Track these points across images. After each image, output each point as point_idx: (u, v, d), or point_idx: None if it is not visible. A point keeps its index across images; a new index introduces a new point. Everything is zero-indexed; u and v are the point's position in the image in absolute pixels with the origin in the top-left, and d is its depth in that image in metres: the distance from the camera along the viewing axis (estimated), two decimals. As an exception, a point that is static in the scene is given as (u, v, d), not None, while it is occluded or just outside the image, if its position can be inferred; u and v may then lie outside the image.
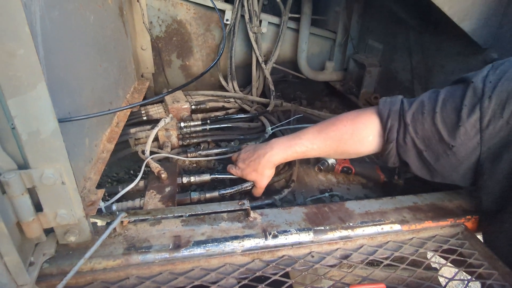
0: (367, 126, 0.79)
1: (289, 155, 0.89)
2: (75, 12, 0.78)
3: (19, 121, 0.49)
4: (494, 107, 0.60)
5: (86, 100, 0.84)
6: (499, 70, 0.62)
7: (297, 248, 0.71)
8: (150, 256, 0.65)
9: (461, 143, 0.65)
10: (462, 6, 0.91)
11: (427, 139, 0.69)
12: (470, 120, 0.63)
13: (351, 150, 0.83)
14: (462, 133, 0.64)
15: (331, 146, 0.84)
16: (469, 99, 0.63)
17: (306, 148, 0.86)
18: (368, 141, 0.80)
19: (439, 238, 0.77)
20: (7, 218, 0.51)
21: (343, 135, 0.81)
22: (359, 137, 0.80)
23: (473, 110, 0.62)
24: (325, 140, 0.84)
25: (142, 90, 1.42)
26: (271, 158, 0.89)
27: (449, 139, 0.66)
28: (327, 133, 0.84)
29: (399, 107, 0.75)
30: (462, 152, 0.66)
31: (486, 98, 0.61)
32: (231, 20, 1.63)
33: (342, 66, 1.87)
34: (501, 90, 0.60)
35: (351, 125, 0.81)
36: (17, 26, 0.43)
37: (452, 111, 0.65)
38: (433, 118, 0.67)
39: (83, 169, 0.78)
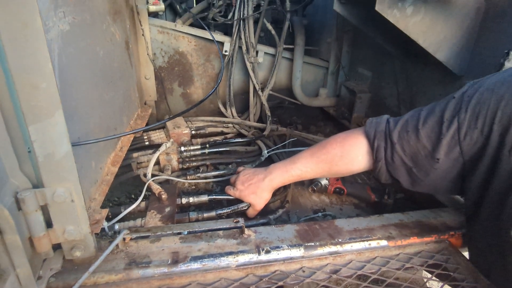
0: (355, 147, 0.85)
1: (286, 178, 0.95)
2: (87, 48, 0.87)
3: (37, 145, 0.55)
4: (469, 118, 0.64)
5: (94, 126, 0.91)
6: (477, 85, 0.67)
7: (288, 263, 0.75)
8: (149, 270, 0.69)
9: (445, 155, 0.68)
10: (435, 39, 1.00)
11: (414, 155, 0.73)
12: (450, 132, 0.66)
13: (343, 170, 0.88)
14: (445, 145, 0.67)
15: (323, 168, 0.89)
16: (449, 113, 0.67)
17: (301, 172, 0.92)
18: (358, 160, 0.85)
19: (424, 253, 0.81)
20: (22, 232, 0.56)
21: (333, 157, 0.87)
22: (349, 158, 0.86)
23: (452, 122, 0.66)
24: (318, 163, 0.90)
25: (145, 117, 1.50)
26: (271, 182, 0.96)
27: (434, 153, 0.69)
28: (318, 156, 0.90)
29: (385, 127, 0.80)
30: (447, 163, 0.69)
31: (463, 110, 0.65)
32: (230, 51, 1.75)
33: (335, 92, 1.97)
34: (475, 103, 0.63)
35: (340, 148, 0.87)
36: (41, 63, 0.50)
37: (434, 125, 0.69)
38: (417, 135, 0.71)
39: (89, 190, 0.84)
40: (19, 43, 0.48)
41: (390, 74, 1.46)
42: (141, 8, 1.50)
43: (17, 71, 0.50)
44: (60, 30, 0.70)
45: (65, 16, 0.72)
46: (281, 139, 1.60)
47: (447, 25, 0.99)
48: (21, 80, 0.50)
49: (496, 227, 0.66)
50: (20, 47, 0.48)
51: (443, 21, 0.99)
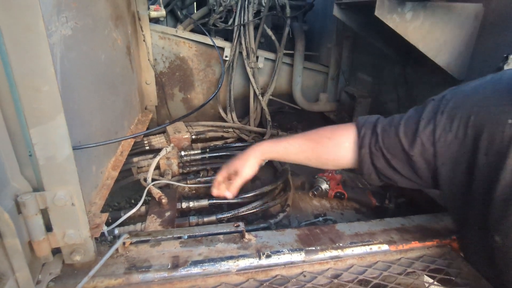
0: (344, 133, 0.84)
1: (272, 148, 0.90)
2: (89, 52, 0.88)
3: (39, 148, 0.55)
4: (445, 120, 0.65)
5: (95, 130, 0.91)
6: (456, 90, 0.69)
7: (289, 268, 0.74)
8: (149, 275, 0.68)
9: (419, 154, 0.69)
10: (435, 44, 1.01)
11: (392, 148, 0.73)
12: (426, 131, 0.67)
13: (329, 152, 0.85)
14: (419, 144, 0.68)
15: (310, 146, 0.86)
16: (427, 113, 0.68)
17: (288, 144, 0.89)
18: (345, 147, 0.83)
19: (426, 258, 0.81)
20: (21, 236, 0.56)
21: (322, 138, 0.86)
22: (337, 140, 0.84)
23: (429, 122, 0.67)
24: (306, 140, 0.88)
25: (145, 122, 1.51)
26: (258, 147, 0.90)
27: (409, 149, 0.70)
28: (309, 135, 0.90)
29: (375, 119, 0.81)
30: (420, 162, 0.70)
31: (440, 112, 0.66)
32: (230, 56, 1.76)
33: (335, 97, 1.97)
34: (452, 107, 0.65)
35: (330, 131, 0.87)
36: (44, 67, 0.51)
37: (412, 123, 0.70)
38: (397, 129, 0.72)
39: (89, 194, 0.84)
40: (22, 46, 0.49)
41: (390, 79, 1.47)
42: (142, 14, 1.52)
43: (19, 74, 0.50)
44: (62, 35, 0.70)
45: (67, 21, 0.73)
46: (281, 143, 1.60)
47: (446, 30, 1.00)
48: (23, 83, 0.51)
49: (482, 231, 0.66)
50: (22, 50, 0.49)
51: (443, 26, 1.00)
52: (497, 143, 0.58)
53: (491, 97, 0.61)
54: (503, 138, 0.57)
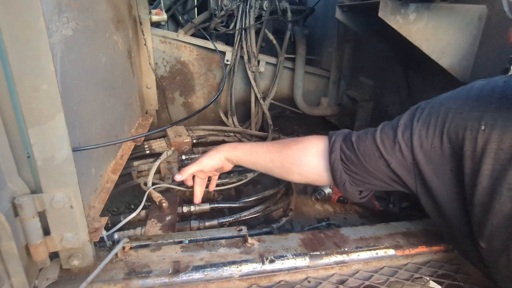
0: (314, 140, 0.83)
1: (237, 147, 0.88)
2: (90, 54, 0.87)
3: (37, 148, 0.54)
4: (420, 128, 0.66)
5: (95, 132, 0.90)
6: (431, 100, 0.70)
7: (293, 273, 0.72)
8: (149, 280, 0.66)
9: (397, 161, 0.69)
10: (439, 45, 1.00)
11: (368, 156, 0.72)
12: (404, 137, 0.67)
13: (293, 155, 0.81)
14: (398, 150, 0.68)
15: (276, 148, 0.83)
16: (403, 120, 0.69)
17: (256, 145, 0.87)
18: (311, 152, 0.80)
19: (433, 263, 0.79)
20: (18, 239, 0.54)
21: (290, 142, 0.84)
22: (303, 145, 0.82)
23: (406, 129, 0.68)
24: (274, 143, 0.86)
25: (146, 126, 1.49)
26: (221, 146, 0.89)
27: (387, 156, 0.69)
28: (279, 140, 0.90)
29: (347, 131, 0.81)
30: (399, 170, 0.69)
31: (416, 120, 0.67)
32: (231, 60, 1.75)
33: (336, 101, 1.97)
34: (426, 115, 0.66)
35: (301, 138, 0.85)
36: (43, 65, 0.50)
37: (389, 130, 0.71)
38: (373, 136, 0.72)
39: (88, 197, 0.82)
40: (21, 44, 0.48)
41: (392, 82, 1.46)
42: (143, 18, 1.51)
43: (18, 72, 0.49)
44: (63, 35, 0.69)
45: (68, 22, 0.72)
46: (283, 148, 1.59)
47: (450, 32, 1.00)
48: (22, 82, 0.49)
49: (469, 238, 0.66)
50: (22, 48, 0.48)
51: (446, 28, 0.99)
52: (472, 149, 0.59)
53: (464, 104, 0.62)
54: (477, 144, 0.58)
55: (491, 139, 0.57)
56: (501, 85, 0.61)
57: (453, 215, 0.67)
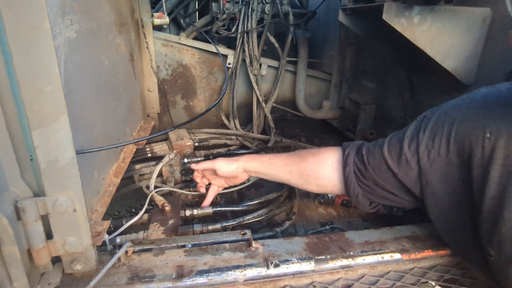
0: (329, 152, 0.85)
1: (255, 159, 0.92)
2: (93, 57, 0.87)
3: (40, 151, 0.53)
4: (426, 138, 0.67)
5: (97, 135, 0.89)
6: (436, 109, 0.71)
7: (298, 278, 0.71)
8: (153, 285, 0.65)
9: (404, 173, 0.70)
10: (442, 48, 1.00)
11: (377, 168, 0.74)
12: (410, 149, 0.69)
13: (311, 168, 0.85)
14: (404, 162, 0.69)
15: (294, 160, 0.87)
16: (409, 132, 0.71)
17: (274, 157, 0.90)
18: (327, 164, 0.83)
19: (440, 267, 0.78)
20: (20, 243, 0.53)
21: (307, 154, 0.88)
22: (320, 158, 0.85)
23: (412, 140, 0.69)
24: (291, 155, 0.89)
25: (147, 129, 1.49)
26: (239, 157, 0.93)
27: (394, 167, 0.71)
28: (295, 151, 0.92)
29: (360, 143, 0.83)
30: (406, 181, 0.71)
31: (422, 130, 0.68)
32: (233, 63, 1.75)
33: (338, 104, 1.96)
34: (432, 125, 0.67)
35: (317, 150, 0.89)
36: (48, 67, 0.49)
37: (396, 142, 0.72)
38: (381, 149, 0.73)
39: (90, 201, 0.81)
40: (26, 46, 0.47)
41: (395, 85, 1.46)
42: (146, 21, 1.51)
43: (22, 74, 0.48)
44: (67, 37, 0.69)
45: (72, 24, 0.72)
46: (285, 151, 1.58)
47: (454, 34, 0.99)
48: (26, 84, 0.49)
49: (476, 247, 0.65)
50: (26, 49, 0.47)
51: (450, 30, 0.99)
52: (479, 156, 0.59)
53: (468, 113, 0.63)
54: (484, 151, 0.59)
55: (497, 146, 0.57)
56: (505, 92, 0.62)
57: (461, 224, 0.67)
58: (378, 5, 0.98)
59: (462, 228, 0.68)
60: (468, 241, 0.68)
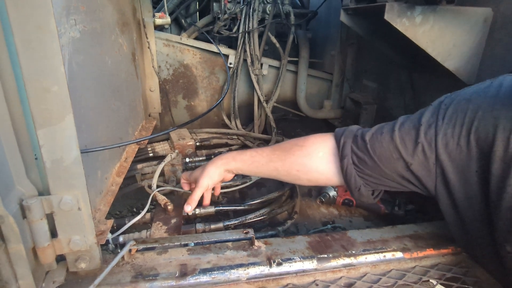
0: (318, 141, 0.78)
1: (237, 157, 0.84)
2: (96, 57, 0.87)
3: (45, 150, 0.54)
4: (445, 126, 0.62)
5: (101, 135, 0.89)
6: (454, 95, 0.66)
7: (301, 276, 0.72)
8: (157, 283, 0.66)
9: (419, 162, 0.65)
10: (444, 47, 1.01)
11: (385, 158, 0.68)
12: (427, 137, 0.63)
13: (299, 162, 0.77)
14: (420, 151, 0.64)
15: (279, 156, 0.79)
16: (426, 118, 0.65)
17: (256, 153, 0.82)
18: (318, 156, 0.76)
19: (441, 266, 0.78)
20: (26, 242, 0.54)
21: (292, 146, 0.79)
22: (308, 150, 0.77)
23: (429, 127, 0.63)
24: (275, 150, 0.80)
25: (149, 129, 1.49)
26: (220, 157, 0.86)
27: (408, 157, 0.65)
28: (279, 145, 0.82)
29: (356, 129, 0.76)
30: (420, 171, 0.66)
31: (440, 118, 0.63)
32: (235, 63, 1.76)
33: (339, 104, 1.96)
34: (452, 112, 0.62)
35: (304, 140, 0.80)
36: (54, 66, 0.49)
37: (410, 129, 0.66)
38: (391, 137, 0.67)
39: (94, 200, 0.82)
40: (32, 46, 0.48)
41: (396, 85, 1.46)
42: (147, 21, 1.52)
43: (28, 73, 0.49)
44: (71, 37, 0.70)
45: (76, 24, 0.72)
46: (286, 150, 1.59)
47: (455, 34, 1.00)
48: (32, 83, 0.49)
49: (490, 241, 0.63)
50: (33, 49, 0.48)
51: (452, 30, 0.99)
52: (503, 149, 0.55)
53: (495, 102, 0.58)
54: (509, 144, 0.55)
55: None
56: None
57: (473, 218, 0.64)
58: (380, 5, 0.99)
59: (476, 224, 0.64)
60: (481, 237, 0.65)
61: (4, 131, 0.50)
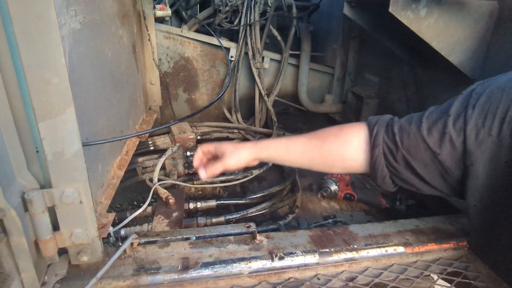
0: (353, 130, 0.77)
1: (272, 144, 0.83)
2: (96, 48, 0.86)
3: (47, 143, 0.53)
4: (476, 116, 0.60)
5: (102, 128, 0.89)
6: (486, 83, 0.63)
7: (303, 270, 0.72)
8: (159, 277, 0.66)
9: (447, 153, 0.64)
10: (449, 41, 0.99)
11: (413, 148, 0.67)
12: (456, 127, 0.62)
13: (335, 152, 0.77)
14: (448, 141, 0.63)
15: (315, 144, 0.78)
16: (455, 108, 0.63)
17: (290, 143, 0.80)
18: (353, 146, 0.76)
19: (443, 261, 0.78)
20: (28, 235, 0.54)
21: (328, 135, 0.79)
22: (344, 138, 0.77)
23: (458, 118, 0.62)
24: (311, 138, 0.80)
25: (150, 122, 1.48)
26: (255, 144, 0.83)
27: (435, 147, 0.64)
28: (314, 133, 0.81)
29: (389, 119, 0.76)
30: (448, 162, 0.64)
31: (470, 107, 0.61)
32: (236, 57, 1.74)
33: (340, 98, 1.95)
34: (484, 101, 0.60)
35: (338, 128, 0.80)
36: (54, 58, 0.49)
37: (438, 119, 0.65)
38: (419, 127, 0.66)
39: (95, 193, 0.81)
40: (32, 37, 0.47)
41: (399, 79, 1.45)
42: (148, 13, 1.50)
43: (29, 65, 0.48)
44: (71, 28, 0.69)
45: (76, 15, 0.71)
46: (287, 144, 1.58)
47: (460, 28, 0.98)
48: (32, 75, 0.49)
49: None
50: (33, 40, 0.47)
51: (457, 24, 0.98)
52: None
53: None
54: None
55: None
56: None
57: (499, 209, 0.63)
58: (384, -2, 0.97)
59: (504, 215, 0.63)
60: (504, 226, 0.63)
61: (5, 124, 0.49)
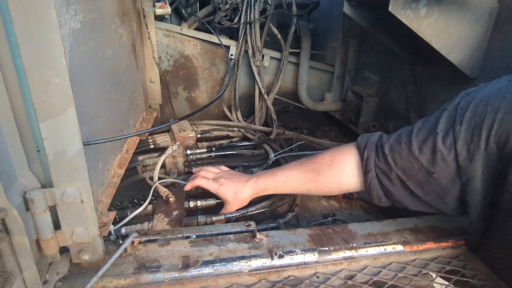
0: (345, 157, 0.81)
1: (270, 184, 0.90)
2: (96, 47, 0.86)
3: (48, 142, 0.53)
4: (464, 131, 0.61)
5: (102, 127, 0.89)
6: (470, 97, 0.64)
7: (302, 269, 0.72)
8: (159, 275, 0.66)
9: (441, 170, 0.65)
10: (448, 40, 0.99)
11: (407, 169, 0.69)
12: (445, 144, 0.63)
13: (331, 181, 0.82)
14: (440, 159, 0.64)
15: (310, 178, 0.84)
16: (442, 125, 0.64)
17: (287, 178, 0.87)
18: (347, 172, 0.80)
19: (441, 259, 0.79)
20: (29, 234, 0.54)
21: (322, 166, 0.83)
22: (337, 167, 0.81)
23: (447, 135, 0.63)
24: (305, 172, 0.85)
25: (150, 120, 1.49)
26: (255, 184, 0.91)
27: (429, 166, 0.66)
28: (307, 165, 0.86)
29: (377, 139, 0.77)
30: (443, 180, 0.66)
31: (458, 123, 0.62)
32: (236, 55, 1.74)
33: (340, 97, 1.95)
34: (470, 116, 0.61)
35: (330, 157, 0.83)
36: (55, 58, 0.49)
37: (427, 138, 0.66)
38: (409, 147, 0.67)
39: (96, 192, 0.82)
40: (33, 37, 0.47)
41: (399, 77, 1.45)
42: (147, 11, 1.50)
43: (29, 65, 0.48)
44: (71, 28, 0.69)
45: (76, 14, 0.71)
46: (287, 143, 1.58)
47: (460, 27, 0.99)
48: (33, 75, 0.49)
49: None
50: (33, 40, 0.47)
51: (457, 23, 0.98)
52: None
53: None
54: None
55: None
56: None
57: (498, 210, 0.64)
58: (384, -3, 0.97)
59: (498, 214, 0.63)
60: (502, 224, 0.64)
61: (6, 124, 0.50)
